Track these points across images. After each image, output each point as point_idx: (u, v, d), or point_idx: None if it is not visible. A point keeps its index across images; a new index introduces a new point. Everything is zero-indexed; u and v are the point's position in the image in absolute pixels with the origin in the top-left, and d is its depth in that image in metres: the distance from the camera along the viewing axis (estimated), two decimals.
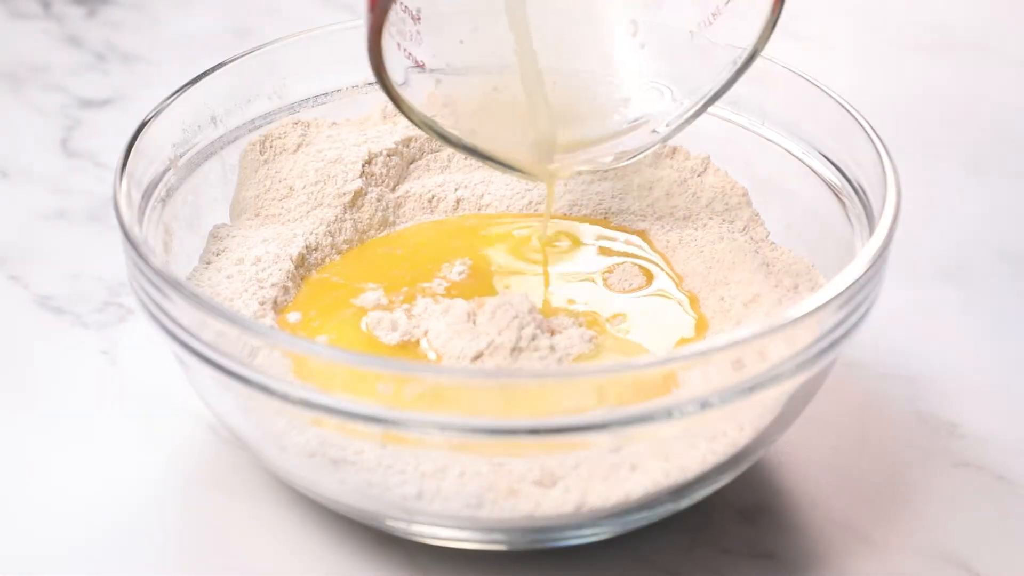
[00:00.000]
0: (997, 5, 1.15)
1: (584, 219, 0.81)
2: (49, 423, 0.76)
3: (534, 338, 0.69)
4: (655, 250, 0.78)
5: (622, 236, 0.79)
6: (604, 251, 0.78)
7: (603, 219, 0.81)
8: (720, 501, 0.71)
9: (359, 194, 0.80)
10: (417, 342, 0.71)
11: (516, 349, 0.68)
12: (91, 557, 0.69)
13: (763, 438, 0.67)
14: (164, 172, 0.75)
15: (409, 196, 0.81)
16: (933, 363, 0.80)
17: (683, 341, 0.72)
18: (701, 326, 0.73)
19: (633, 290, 0.76)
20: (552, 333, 0.70)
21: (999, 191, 0.94)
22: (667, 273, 0.77)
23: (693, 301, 0.75)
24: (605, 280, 0.76)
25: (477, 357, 0.68)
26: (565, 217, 0.81)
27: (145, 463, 0.74)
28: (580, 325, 0.71)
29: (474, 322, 0.70)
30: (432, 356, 0.70)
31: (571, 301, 0.74)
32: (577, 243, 0.79)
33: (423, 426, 0.62)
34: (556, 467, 0.64)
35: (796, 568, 0.69)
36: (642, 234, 0.80)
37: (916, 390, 0.78)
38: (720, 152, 0.82)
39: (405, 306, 0.72)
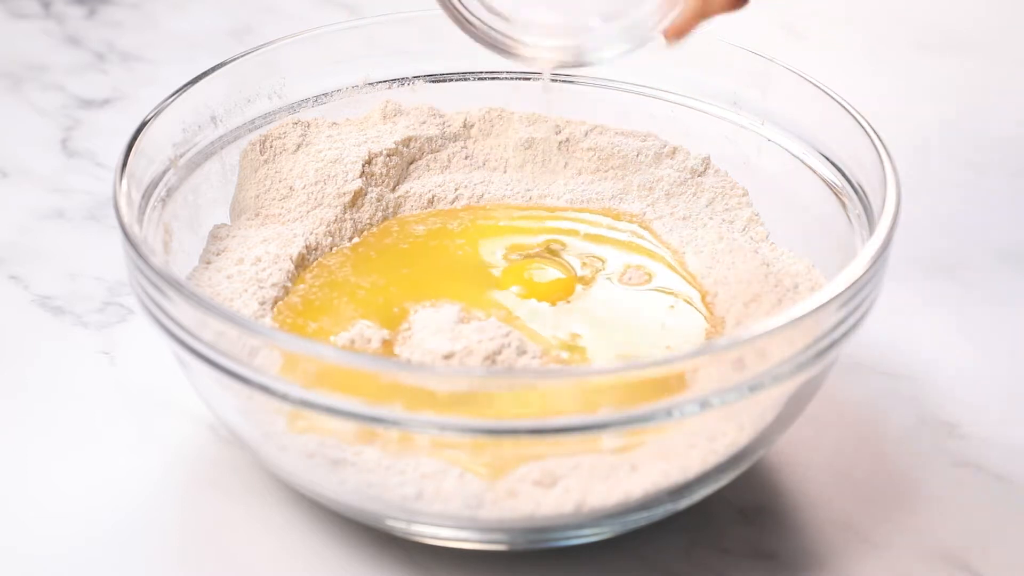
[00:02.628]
0: (998, 5, 1.15)
1: (591, 210, 0.81)
2: (49, 423, 0.76)
3: (518, 356, 0.69)
4: (668, 246, 0.78)
5: (629, 227, 0.80)
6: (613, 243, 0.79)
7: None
8: (720, 501, 0.71)
9: (359, 194, 0.80)
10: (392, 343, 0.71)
11: (489, 359, 0.68)
12: (91, 557, 0.69)
13: (763, 438, 0.67)
14: (164, 172, 0.75)
15: (409, 196, 0.81)
16: (933, 363, 0.80)
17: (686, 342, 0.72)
18: (712, 326, 0.73)
19: (642, 283, 0.76)
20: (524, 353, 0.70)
21: (999, 191, 0.94)
22: (678, 272, 0.77)
23: (706, 303, 0.75)
24: (620, 276, 0.76)
25: (448, 357, 0.68)
26: (582, 210, 0.81)
27: (145, 463, 0.74)
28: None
29: (461, 326, 0.69)
30: (404, 352, 0.69)
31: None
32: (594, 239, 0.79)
33: (423, 426, 0.62)
34: (556, 467, 0.64)
35: (796, 568, 0.69)
36: (647, 226, 0.80)
37: (916, 390, 0.78)
38: (720, 152, 0.82)
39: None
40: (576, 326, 0.73)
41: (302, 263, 0.76)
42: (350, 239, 0.79)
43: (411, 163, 0.83)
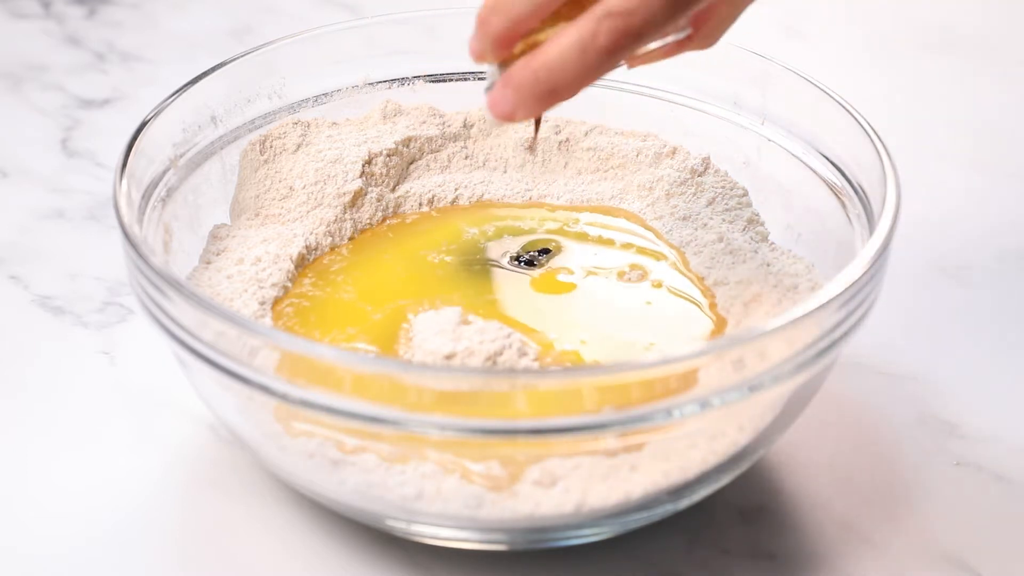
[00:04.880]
0: (998, 5, 1.15)
1: (598, 209, 0.81)
2: (49, 423, 0.76)
3: (519, 358, 0.69)
4: (670, 245, 0.78)
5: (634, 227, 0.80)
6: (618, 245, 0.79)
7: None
8: (720, 501, 0.71)
9: (359, 194, 0.80)
10: (397, 340, 0.71)
11: (490, 359, 0.68)
12: (91, 557, 0.69)
13: (763, 438, 0.67)
14: (164, 172, 0.75)
15: (409, 196, 0.81)
16: (933, 363, 0.80)
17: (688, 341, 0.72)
18: (713, 326, 0.73)
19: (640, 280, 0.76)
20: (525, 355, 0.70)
21: (999, 191, 0.94)
22: (678, 272, 0.77)
23: (712, 305, 0.75)
24: (620, 276, 0.76)
25: (449, 357, 0.68)
26: (582, 210, 0.81)
27: (145, 463, 0.74)
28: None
29: (462, 327, 0.70)
30: (406, 353, 0.69)
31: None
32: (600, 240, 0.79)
33: (423, 426, 0.62)
34: (556, 467, 0.64)
35: (796, 568, 0.69)
36: (647, 226, 0.80)
37: (916, 390, 0.78)
38: (720, 152, 0.82)
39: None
40: (576, 327, 0.73)
41: (302, 263, 0.76)
42: (350, 239, 0.79)
43: (411, 163, 0.83)
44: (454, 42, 0.81)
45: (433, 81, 0.84)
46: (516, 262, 0.77)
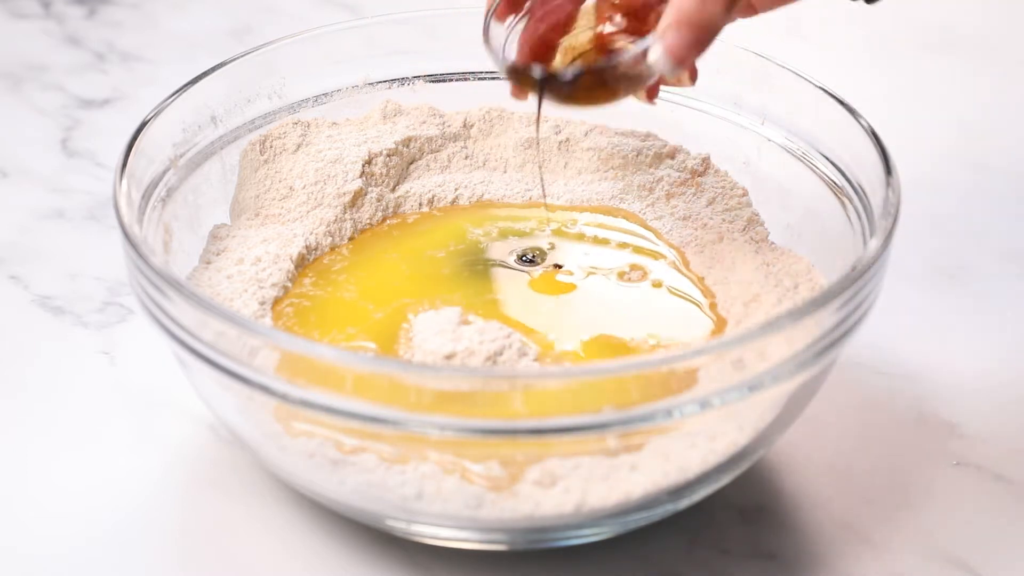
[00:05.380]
0: (998, 5, 1.15)
1: (598, 209, 0.81)
2: (49, 423, 0.76)
3: (519, 358, 0.69)
4: (670, 245, 0.78)
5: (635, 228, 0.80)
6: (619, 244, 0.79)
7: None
8: (720, 501, 0.71)
9: (359, 194, 0.80)
10: (398, 340, 0.71)
11: (490, 359, 0.68)
12: (91, 557, 0.69)
13: (763, 438, 0.67)
14: (164, 172, 0.75)
15: (409, 196, 0.81)
16: (933, 363, 0.80)
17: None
18: (713, 326, 0.73)
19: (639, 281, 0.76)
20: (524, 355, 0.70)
21: (999, 191, 0.94)
22: (679, 272, 0.77)
23: (712, 305, 0.75)
24: (620, 276, 0.76)
25: (449, 357, 0.68)
26: (582, 209, 0.81)
27: (145, 463, 0.74)
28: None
29: (462, 328, 0.70)
30: (406, 353, 0.69)
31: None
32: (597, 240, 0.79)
33: (423, 426, 0.62)
34: (556, 467, 0.64)
35: (796, 568, 0.69)
36: (647, 226, 0.80)
37: (916, 390, 0.78)
38: (720, 152, 0.82)
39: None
40: (576, 327, 0.73)
41: (302, 263, 0.76)
42: (350, 239, 0.79)
43: (411, 163, 0.83)
44: (454, 42, 0.81)
45: (433, 81, 0.84)
46: (518, 260, 0.77)
